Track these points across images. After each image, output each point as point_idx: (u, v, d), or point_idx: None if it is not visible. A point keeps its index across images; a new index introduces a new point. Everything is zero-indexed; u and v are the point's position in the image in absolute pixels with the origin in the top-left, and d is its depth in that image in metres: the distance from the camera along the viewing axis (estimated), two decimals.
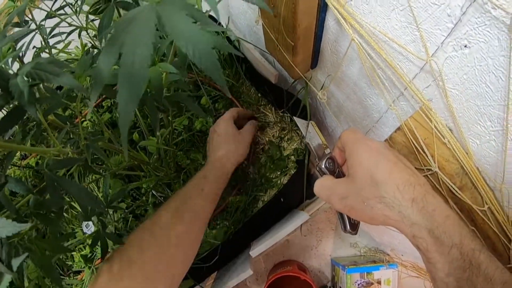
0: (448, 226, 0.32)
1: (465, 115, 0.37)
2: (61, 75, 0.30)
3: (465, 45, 0.32)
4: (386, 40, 0.39)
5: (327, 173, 0.43)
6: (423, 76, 0.39)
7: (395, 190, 0.34)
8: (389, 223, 0.35)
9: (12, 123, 0.35)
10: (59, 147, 0.40)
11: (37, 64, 0.30)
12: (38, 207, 0.40)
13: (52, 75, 0.30)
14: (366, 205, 0.35)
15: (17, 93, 0.30)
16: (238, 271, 0.61)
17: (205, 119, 0.72)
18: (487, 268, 0.31)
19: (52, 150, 0.39)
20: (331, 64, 0.55)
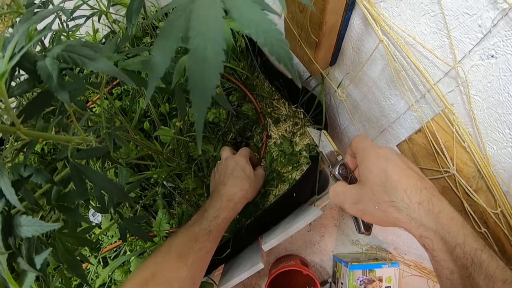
0: (452, 226, 0.36)
1: (485, 122, 0.39)
2: (97, 59, 0.29)
3: (492, 55, 0.35)
4: (413, 43, 0.42)
5: (341, 179, 0.47)
6: (446, 81, 0.41)
7: (403, 194, 0.38)
8: (399, 225, 0.39)
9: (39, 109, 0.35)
10: (83, 136, 0.40)
11: (69, 46, 0.30)
12: (61, 199, 0.40)
13: (88, 59, 0.29)
14: (377, 209, 0.39)
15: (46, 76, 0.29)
16: (248, 264, 0.64)
17: (218, 111, 0.74)
18: (488, 266, 0.34)
19: (77, 138, 0.39)
20: (351, 62, 0.58)
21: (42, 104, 0.34)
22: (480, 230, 0.42)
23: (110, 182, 0.38)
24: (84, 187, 0.37)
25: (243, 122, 0.75)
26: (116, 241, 0.69)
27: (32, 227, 0.33)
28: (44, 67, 0.29)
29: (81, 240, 0.41)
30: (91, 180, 0.37)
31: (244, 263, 0.67)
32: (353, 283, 0.82)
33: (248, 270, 0.62)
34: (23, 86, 0.32)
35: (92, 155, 0.39)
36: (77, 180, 0.37)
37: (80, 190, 0.38)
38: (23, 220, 0.34)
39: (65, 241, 0.40)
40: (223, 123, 0.75)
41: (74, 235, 0.40)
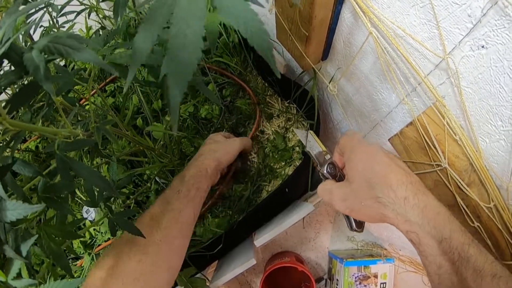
0: (438, 221, 0.36)
1: (477, 114, 0.39)
2: (82, 50, 0.29)
3: (483, 45, 0.34)
4: (403, 35, 0.41)
5: (329, 178, 0.47)
6: (437, 74, 0.40)
7: (389, 190, 0.38)
8: (386, 220, 0.39)
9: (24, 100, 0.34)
10: (70, 128, 0.39)
11: (55, 38, 0.30)
12: (47, 191, 0.40)
13: (72, 49, 0.29)
14: (364, 205, 0.40)
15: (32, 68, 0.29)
16: (241, 260, 0.63)
17: (211, 107, 0.73)
18: (476, 261, 0.34)
19: (64, 131, 0.39)
20: (342, 57, 0.57)
21: (28, 95, 0.33)
22: (473, 224, 0.41)
23: (95, 174, 0.38)
24: (70, 179, 0.37)
25: (236, 117, 0.74)
26: (110, 238, 0.68)
27: (16, 211, 0.33)
28: (30, 59, 0.29)
29: (66, 233, 0.40)
30: (76, 172, 0.37)
31: (237, 259, 0.67)
32: (348, 279, 0.82)
33: (241, 265, 0.61)
34: (9, 77, 0.31)
35: (78, 147, 0.39)
36: (63, 172, 0.37)
37: (66, 182, 0.37)
38: (8, 204, 0.33)
39: (50, 233, 0.39)
40: (215, 119, 0.74)
41: (60, 227, 0.40)
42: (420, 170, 0.47)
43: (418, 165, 0.47)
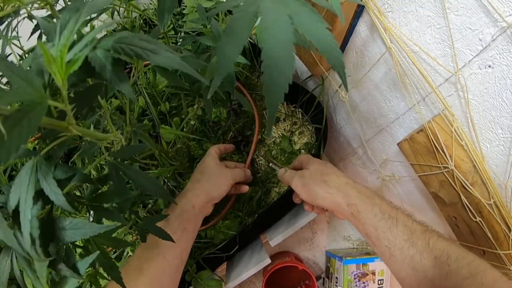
0: (369, 193, 0.52)
1: (480, 123, 0.46)
2: (161, 53, 0.29)
3: (490, 65, 0.42)
4: (417, 51, 0.48)
5: None
6: (446, 86, 0.48)
7: (335, 177, 0.55)
8: (330, 197, 0.53)
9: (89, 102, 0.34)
10: (115, 133, 0.41)
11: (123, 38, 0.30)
12: (97, 199, 0.40)
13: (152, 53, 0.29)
14: (316, 187, 0.55)
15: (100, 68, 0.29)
16: (253, 260, 0.68)
17: (219, 110, 0.78)
18: (405, 221, 0.48)
19: (111, 135, 0.40)
20: (353, 66, 0.64)
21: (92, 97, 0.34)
22: (475, 219, 0.49)
23: (151, 180, 0.39)
24: (123, 186, 0.38)
25: (243, 121, 0.80)
26: None
27: (79, 230, 0.32)
28: (96, 58, 0.29)
29: (117, 242, 0.41)
30: (131, 178, 0.38)
31: (247, 259, 0.72)
32: (348, 277, 0.89)
33: (255, 266, 0.66)
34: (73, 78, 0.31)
35: (132, 153, 0.41)
36: (117, 178, 0.38)
37: (119, 189, 0.38)
38: (68, 223, 0.33)
39: (100, 243, 0.39)
40: (223, 122, 0.79)
41: (109, 237, 0.39)
42: (426, 171, 0.54)
43: (425, 167, 0.54)
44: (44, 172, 0.32)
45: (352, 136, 0.79)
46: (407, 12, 0.47)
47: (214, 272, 0.69)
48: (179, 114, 0.78)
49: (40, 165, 0.32)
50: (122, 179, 0.38)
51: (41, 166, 0.32)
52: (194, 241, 0.60)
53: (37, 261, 0.31)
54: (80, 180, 0.37)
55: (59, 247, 0.34)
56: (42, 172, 0.32)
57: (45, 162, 0.33)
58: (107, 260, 0.38)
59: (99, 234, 0.38)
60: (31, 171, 0.32)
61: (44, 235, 0.31)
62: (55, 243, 0.33)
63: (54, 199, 0.31)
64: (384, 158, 0.66)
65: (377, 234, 0.49)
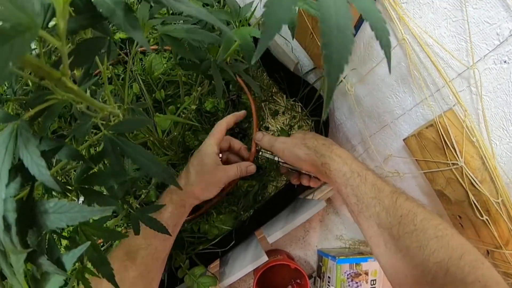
0: (343, 153, 0.55)
1: (491, 119, 0.47)
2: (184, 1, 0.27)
3: (505, 60, 0.42)
4: (431, 44, 0.48)
5: None
6: (458, 81, 0.48)
7: (313, 140, 0.59)
8: (308, 158, 0.57)
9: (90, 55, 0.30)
10: (113, 105, 0.37)
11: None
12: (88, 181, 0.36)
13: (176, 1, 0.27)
14: (295, 147, 0.59)
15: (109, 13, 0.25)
16: (249, 257, 0.67)
17: (216, 100, 0.77)
18: (373, 180, 0.50)
19: (109, 107, 0.36)
20: (359, 58, 0.64)
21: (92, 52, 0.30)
22: (482, 218, 0.49)
23: (153, 159, 0.35)
24: (120, 165, 0.34)
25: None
26: None
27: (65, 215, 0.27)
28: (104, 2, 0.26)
29: (109, 233, 0.36)
30: (131, 156, 0.34)
31: (242, 256, 0.71)
32: (341, 276, 0.89)
33: (252, 263, 0.65)
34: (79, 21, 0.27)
35: (133, 127, 0.37)
36: (113, 156, 0.34)
37: (116, 169, 0.34)
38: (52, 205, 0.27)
39: (90, 234, 0.34)
40: (221, 113, 0.78)
41: (99, 226, 0.35)
42: (433, 168, 0.54)
43: (432, 163, 0.54)
44: (25, 139, 0.27)
45: (352, 133, 0.79)
46: (422, 4, 0.47)
47: (208, 269, 0.68)
48: (175, 102, 0.76)
49: (21, 131, 0.27)
50: (119, 158, 0.35)
51: (22, 132, 0.27)
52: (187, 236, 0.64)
53: (13, 254, 0.26)
54: (69, 155, 0.33)
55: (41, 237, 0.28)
56: (23, 140, 0.27)
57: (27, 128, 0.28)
58: (97, 254, 0.34)
59: (88, 223, 0.35)
60: (10, 137, 0.27)
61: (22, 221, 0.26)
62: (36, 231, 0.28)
63: (36, 173, 0.26)
64: (388, 154, 0.67)
65: (347, 192, 0.52)
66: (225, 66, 0.43)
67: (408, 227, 0.45)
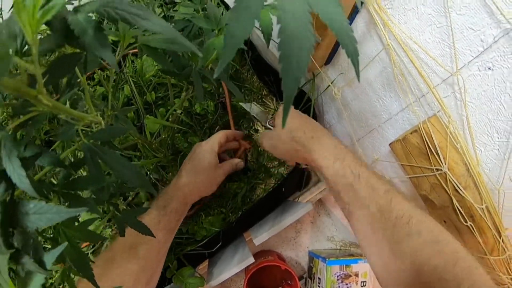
0: (333, 147, 0.51)
1: (476, 126, 0.46)
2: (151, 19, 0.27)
3: (489, 67, 0.41)
4: (416, 50, 0.47)
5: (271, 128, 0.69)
6: (443, 87, 0.47)
7: (301, 133, 0.54)
8: (297, 153, 0.55)
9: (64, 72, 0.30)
10: (94, 114, 0.37)
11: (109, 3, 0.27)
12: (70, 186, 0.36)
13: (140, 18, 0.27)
14: (283, 143, 0.56)
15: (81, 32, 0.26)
16: (236, 258, 0.66)
17: (206, 103, 0.76)
18: (368, 178, 0.46)
19: (89, 116, 0.36)
20: (347, 63, 0.62)
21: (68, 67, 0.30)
22: (466, 223, 0.48)
23: (131, 168, 0.35)
24: (100, 171, 0.35)
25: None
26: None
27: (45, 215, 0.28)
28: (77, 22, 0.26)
29: (90, 235, 0.36)
30: (108, 164, 0.34)
31: (230, 257, 0.70)
32: (331, 278, 0.88)
33: (238, 264, 0.64)
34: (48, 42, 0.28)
35: (111, 135, 0.37)
36: (92, 163, 0.34)
37: (95, 175, 0.34)
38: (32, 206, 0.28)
39: (71, 236, 0.35)
40: (210, 115, 0.77)
41: (82, 228, 0.36)
42: (418, 173, 0.53)
43: (417, 169, 0.53)
44: (8, 150, 0.28)
45: (342, 136, 0.78)
46: (407, 10, 0.46)
47: (196, 270, 0.67)
48: (165, 105, 0.75)
49: (4, 142, 0.28)
50: (98, 165, 0.35)
51: (6, 143, 0.28)
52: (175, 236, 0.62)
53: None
54: (50, 162, 0.33)
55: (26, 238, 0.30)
56: (6, 151, 0.28)
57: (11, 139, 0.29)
58: (78, 255, 0.34)
59: (70, 225, 0.36)
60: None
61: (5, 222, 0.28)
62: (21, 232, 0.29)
63: (17, 181, 0.28)
64: (375, 158, 0.65)
65: (338, 190, 0.48)
66: (206, 72, 0.42)
67: (403, 230, 0.42)
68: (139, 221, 0.48)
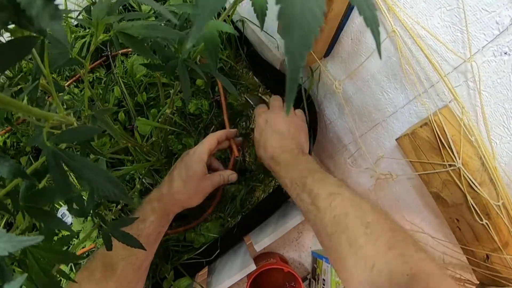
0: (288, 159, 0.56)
1: (491, 116, 0.42)
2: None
3: (506, 52, 0.37)
4: (424, 36, 0.43)
5: None
6: (454, 76, 0.43)
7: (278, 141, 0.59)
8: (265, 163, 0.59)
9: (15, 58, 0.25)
10: (63, 113, 0.32)
11: None
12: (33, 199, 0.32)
13: None
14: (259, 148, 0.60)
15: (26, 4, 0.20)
16: (237, 265, 0.62)
17: (200, 102, 0.72)
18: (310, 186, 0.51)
19: (56, 116, 0.31)
20: (347, 55, 0.58)
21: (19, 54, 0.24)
22: (481, 222, 0.45)
23: (105, 176, 0.30)
24: (66, 181, 0.30)
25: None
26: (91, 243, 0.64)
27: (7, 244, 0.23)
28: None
29: (61, 255, 0.32)
30: (76, 171, 0.29)
31: (231, 264, 0.66)
32: (336, 279, 0.85)
33: (239, 272, 0.61)
34: None
35: (79, 137, 0.32)
36: (57, 171, 0.29)
37: (61, 185, 0.29)
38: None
39: (39, 257, 0.31)
40: (205, 115, 0.73)
41: (51, 248, 0.32)
42: (428, 170, 0.49)
43: (427, 165, 0.49)
44: None
45: (343, 132, 0.74)
46: None
47: (194, 280, 0.63)
48: (157, 105, 0.71)
49: None
50: (64, 172, 0.30)
51: None
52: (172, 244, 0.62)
53: None
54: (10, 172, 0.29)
55: None
56: None
57: None
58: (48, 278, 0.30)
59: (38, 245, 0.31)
60: None
61: None
62: None
63: None
64: (379, 155, 0.62)
65: (294, 199, 0.53)
66: (194, 65, 0.38)
67: (339, 226, 0.46)
68: (127, 233, 0.44)
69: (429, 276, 0.37)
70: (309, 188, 0.51)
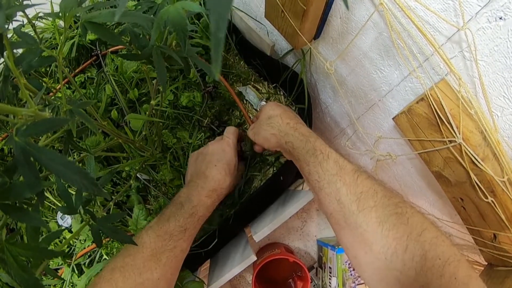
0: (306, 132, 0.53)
1: (490, 87, 0.39)
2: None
3: (501, 17, 0.34)
4: (414, 7, 0.40)
5: None
6: (449, 47, 0.40)
7: (278, 119, 0.57)
8: (273, 138, 0.55)
9: None
10: (34, 108, 0.31)
11: None
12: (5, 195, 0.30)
13: None
14: (262, 129, 0.57)
15: None
16: (238, 257, 0.61)
17: (192, 94, 0.69)
18: (336, 158, 0.48)
19: (26, 110, 0.30)
20: (338, 34, 0.55)
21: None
22: (486, 200, 0.42)
23: (73, 167, 0.28)
24: (34, 174, 0.29)
25: (219, 103, 0.71)
26: (89, 244, 0.63)
27: None
28: None
29: (40, 251, 0.31)
30: (45, 164, 0.28)
31: (232, 256, 0.64)
32: (342, 266, 0.82)
33: (240, 264, 0.59)
34: None
35: (45, 130, 0.29)
36: (25, 165, 0.28)
37: (29, 179, 0.28)
38: None
39: (17, 255, 0.30)
40: (198, 107, 0.71)
41: (31, 246, 0.31)
42: (428, 148, 0.47)
43: (426, 143, 0.47)
44: None
45: (340, 115, 0.72)
46: None
47: (195, 274, 0.61)
48: (149, 101, 0.69)
49: None
50: (33, 167, 0.29)
51: None
52: None
53: None
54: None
55: None
56: None
57: None
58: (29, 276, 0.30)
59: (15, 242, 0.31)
60: None
61: None
62: None
63: None
64: (378, 136, 0.59)
65: (309, 169, 0.49)
66: (170, 51, 0.35)
67: (367, 203, 0.43)
68: (117, 229, 0.42)
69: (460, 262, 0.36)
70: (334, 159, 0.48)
